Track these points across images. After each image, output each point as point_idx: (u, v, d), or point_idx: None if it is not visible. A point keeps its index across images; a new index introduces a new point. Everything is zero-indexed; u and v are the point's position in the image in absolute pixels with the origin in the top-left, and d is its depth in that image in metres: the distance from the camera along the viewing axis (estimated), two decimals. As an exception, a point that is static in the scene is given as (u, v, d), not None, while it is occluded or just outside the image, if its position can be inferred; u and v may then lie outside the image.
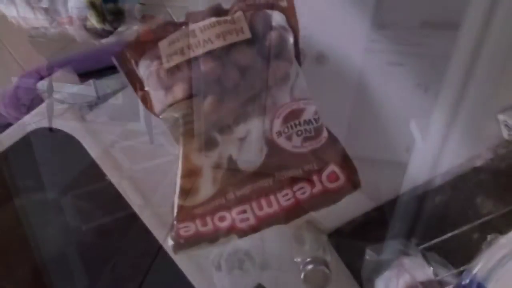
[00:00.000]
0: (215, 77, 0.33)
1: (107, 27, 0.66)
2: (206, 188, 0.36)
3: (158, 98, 0.36)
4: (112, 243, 0.48)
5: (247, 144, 0.35)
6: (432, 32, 0.38)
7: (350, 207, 0.44)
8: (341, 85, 0.41)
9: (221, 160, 0.35)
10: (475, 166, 0.41)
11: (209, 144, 0.34)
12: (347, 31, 0.39)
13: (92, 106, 0.45)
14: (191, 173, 0.35)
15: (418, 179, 0.43)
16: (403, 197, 0.43)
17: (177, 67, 0.34)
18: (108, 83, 0.53)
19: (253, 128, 0.35)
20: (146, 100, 0.37)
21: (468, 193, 0.42)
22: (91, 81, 0.50)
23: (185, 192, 0.36)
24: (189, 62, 0.33)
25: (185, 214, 0.37)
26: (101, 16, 0.62)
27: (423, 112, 0.41)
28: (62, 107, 0.43)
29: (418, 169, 0.43)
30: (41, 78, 0.49)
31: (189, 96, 0.33)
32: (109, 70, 0.62)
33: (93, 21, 0.63)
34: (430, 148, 0.42)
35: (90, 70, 0.59)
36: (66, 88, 0.47)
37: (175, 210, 0.37)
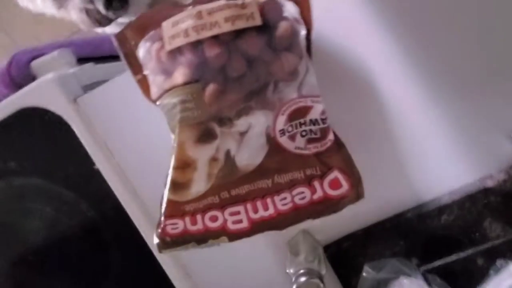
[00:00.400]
0: (219, 65, 0.31)
1: (110, 15, 0.64)
2: (199, 183, 0.33)
3: (156, 82, 0.33)
4: (95, 236, 0.45)
5: (248, 140, 0.33)
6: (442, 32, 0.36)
7: (350, 218, 0.41)
8: (345, 87, 0.39)
9: (218, 154, 0.33)
10: (486, 186, 0.39)
11: (207, 136, 0.32)
12: (353, 28, 0.37)
13: (86, 89, 0.43)
14: (184, 165, 0.33)
15: (424, 196, 0.41)
16: (407, 213, 0.41)
17: (179, 50, 0.31)
18: (107, 69, 0.51)
19: (256, 123, 0.32)
20: (143, 85, 0.35)
21: (476, 214, 0.39)
22: (89, 65, 0.48)
23: (176, 186, 0.33)
24: (193, 45, 0.31)
25: (174, 209, 0.34)
26: (108, 1, 0.60)
27: (434, 123, 0.39)
28: (55, 87, 0.40)
29: (425, 185, 0.41)
30: (37, 56, 0.47)
31: (190, 82, 0.31)
32: (110, 58, 0.60)
33: (99, 6, 0.61)
34: (439, 164, 0.40)
35: (90, 56, 0.57)
36: (62, 68, 0.45)
37: (164, 205, 0.34)
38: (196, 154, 0.32)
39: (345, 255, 0.42)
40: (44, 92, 0.41)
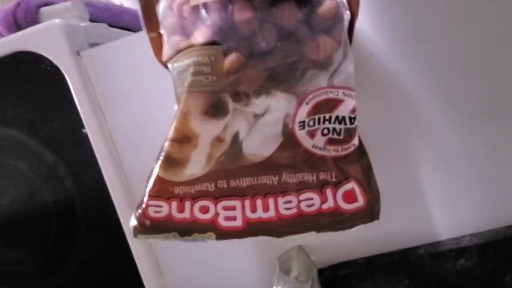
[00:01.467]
0: (247, 32, 0.27)
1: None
2: (196, 164, 0.29)
3: (171, 43, 0.29)
4: (66, 207, 0.40)
5: (262, 125, 0.29)
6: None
7: (353, 243, 0.36)
8: (380, 93, 0.35)
9: (225, 134, 0.28)
10: (515, 236, 0.34)
11: (217, 109, 0.27)
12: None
13: (93, 45, 0.39)
14: (184, 139, 0.28)
15: (441, 234, 0.36)
16: (419, 249, 0.36)
17: (205, 7, 0.27)
18: (120, 35, 0.47)
19: (275, 108, 0.28)
20: (156, 44, 0.31)
21: (499, 265, 0.34)
22: (102, 24, 0.44)
23: (170, 162, 0.29)
24: (222, 4, 0.27)
25: (161, 189, 0.29)
26: None
27: (469, 157, 0.35)
28: (60, 34, 0.36)
29: (445, 220, 0.36)
30: (48, 4, 0.43)
31: (210, 43, 0.27)
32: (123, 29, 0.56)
33: None
34: (465, 201, 0.36)
35: (105, 22, 0.53)
36: (72, 20, 0.41)
37: (151, 182, 0.30)
38: (200, 128, 0.28)
39: (340, 283, 0.37)
40: (47, 38, 0.37)
